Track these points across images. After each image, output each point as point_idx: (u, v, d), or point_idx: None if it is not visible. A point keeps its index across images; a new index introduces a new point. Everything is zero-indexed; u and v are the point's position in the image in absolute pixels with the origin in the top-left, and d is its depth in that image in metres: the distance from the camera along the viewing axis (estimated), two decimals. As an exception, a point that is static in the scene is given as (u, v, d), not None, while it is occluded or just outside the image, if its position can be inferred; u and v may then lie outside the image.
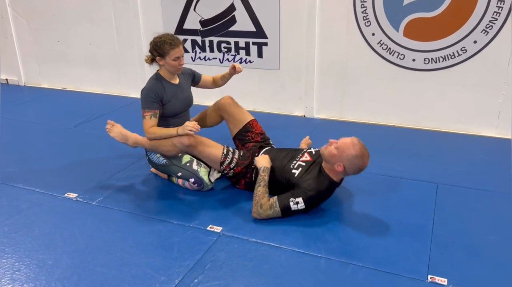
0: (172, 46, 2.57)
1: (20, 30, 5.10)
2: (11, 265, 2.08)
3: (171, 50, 2.57)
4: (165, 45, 2.55)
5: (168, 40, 2.56)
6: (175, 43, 2.58)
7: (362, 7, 3.56)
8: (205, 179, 2.64)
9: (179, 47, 2.60)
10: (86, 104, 4.58)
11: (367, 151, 2.39)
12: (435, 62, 3.51)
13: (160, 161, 2.74)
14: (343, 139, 2.40)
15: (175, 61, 2.62)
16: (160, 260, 2.10)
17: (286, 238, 2.25)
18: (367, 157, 2.38)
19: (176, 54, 2.59)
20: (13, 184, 2.88)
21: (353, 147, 2.34)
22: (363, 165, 2.38)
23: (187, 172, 2.66)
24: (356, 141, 2.38)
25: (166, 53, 2.58)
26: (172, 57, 2.59)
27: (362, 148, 2.36)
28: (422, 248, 2.16)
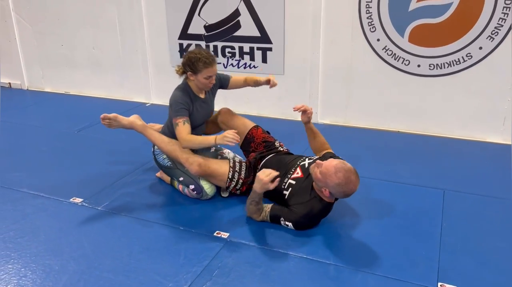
0: (206, 65, 2.49)
1: (24, 34, 5.11)
2: (17, 271, 2.07)
3: (204, 69, 2.50)
4: (199, 63, 2.48)
5: (203, 58, 2.48)
6: (209, 62, 2.49)
7: (367, 12, 3.57)
8: (205, 188, 2.61)
9: (213, 67, 2.52)
10: (90, 108, 4.57)
11: (354, 176, 2.22)
12: (440, 68, 3.51)
13: (165, 163, 2.72)
14: (328, 163, 2.25)
15: (206, 79, 2.54)
16: (167, 266, 2.09)
17: (294, 245, 2.24)
18: (353, 182, 2.22)
19: (209, 73, 2.52)
20: (18, 188, 2.86)
21: (335, 175, 2.20)
22: (349, 192, 2.24)
23: (189, 178, 2.64)
24: (340, 167, 2.21)
25: (198, 71, 2.51)
26: (204, 75, 2.52)
27: (346, 174, 2.20)
28: (431, 254, 2.14)
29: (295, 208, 2.32)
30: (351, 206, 2.60)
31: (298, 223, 2.30)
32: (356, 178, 2.24)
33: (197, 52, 2.51)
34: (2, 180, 2.97)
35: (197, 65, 2.48)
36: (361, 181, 2.84)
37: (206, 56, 2.49)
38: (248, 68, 4.14)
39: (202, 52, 2.51)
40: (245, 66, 4.15)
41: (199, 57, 2.48)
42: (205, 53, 2.51)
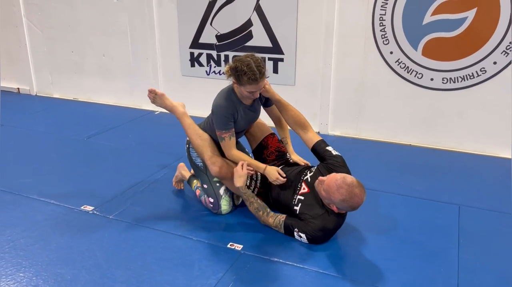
0: (251, 81, 2.26)
1: (34, 40, 5.12)
2: (29, 280, 2.03)
3: (247, 85, 2.29)
4: (244, 77, 2.26)
5: (249, 72, 2.24)
6: (255, 78, 2.25)
7: (380, 25, 3.56)
8: (222, 208, 2.56)
9: (258, 84, 2.29)
10: (98, 115, 4.56)
11: (357, 189, 2.16)
12: (453, 82, 3.49)
13: (197, 162, 2.65)
14: (330, 179, 2.21)
15: (249, 93, 2.36)
16: (182, 278, 2.05)
17: (309, 259, 2.20)
18: (357, 196, 2.16)
19: (252, 89, 2.32)
20: (28, 195, 2.84)
21: (338, 191, 2.16)
22: (355, 205, 2.19)
23: (212, 191, 2.59)
24: (341, 182, 2.17)
25: (242, 84, 2.31)
26: (247, 89, 2.33)
27: (349, 189, 2.15)
28: (450, 272, 2.10)
29: (311, 221, 2.28)
30: (365, 219, 2.57)
31: (314, 236, 2.27)
32: (360, 190, 2.18)
33: (246, 64, 2.25)
34: (12, 186, 2.94)
35: (242, 78, 2.27)
36: (374, 194, 2.85)
37: (254, 71, 2.24)
38: (259, 78, 4.12)
39: (251, 64, 2.25)
40: (256, 76, 4.13)
41: (245, 70, 2.24)
42: (254, 67, 2.25)
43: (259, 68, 2.27)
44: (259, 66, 2.28)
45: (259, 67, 2.27)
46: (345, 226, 2.47)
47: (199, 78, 4.39)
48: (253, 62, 2.27)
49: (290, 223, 2.33)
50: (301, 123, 2.56)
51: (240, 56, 2.33)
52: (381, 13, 3.53)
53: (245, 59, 2.28)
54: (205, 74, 4.34)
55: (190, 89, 4.48)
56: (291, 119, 2.58)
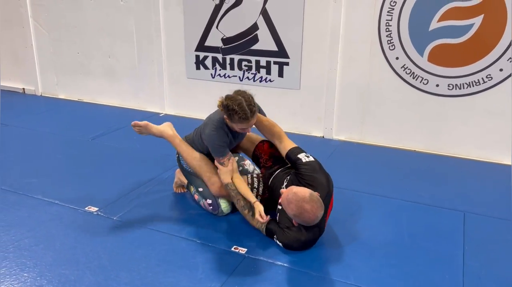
0: (242, 120, 2.30)
1: (41, 41, 5.14)
2: (33, 280, 2.03)
3: (239, 123, 2.33)
4: (235, 116, 2.28)
5: (240, 112, 2.26)
6: (246, 117, 2.28)
7: (387, 30, 3.57)
8: (222, 207, 2.58)
9: (249, 122, 2.33)
10: (103, 117, 4.57)
11: (309, 205, 2.11)
12: (459, 89, 3.48)
13: (188, 168, 2.68)
14: (285, 193, 2.20)
15: (240, 129, 2.40)
16: (185, 281, 2.05)
17: (313, 263, 2.19)
18: (308, 211, 2.11)
19: (244, 126, 2.36)
20: (33, 195, 2.84)
21: (289, 206, 2.16)
22: (307, 220, 2.15)
23: (208, 192, 2.60)
24: (291, 197, 2.14)
25: (233, 122, 2.34)
26: (239, 127, 2.37)
27: (298, 204, 2.12)
28: (455, 279, 2.09)
29: (286, 231, 2.27)
30: (369, 225, 2.56)
31: (288, 245, 2.27)
32: (312, 206, 2.11)
33: (237, 103, 2.26)
34: (17, 186, 2.95)
35: (233, 117, 2.30)
36: (379, 200, 2.85)
37: (244, 110, 2.26)
38: (264, 82, 4.13)
39: (243, 103, 2.27)
40: (260, 79, 4.14)
41: (236, 109, 2.26)
42: (245, 106, 2.27)
43: (250, 107, 2.29)
44: (250, 105, 2.29)
45: (250, 106, 2.29)
46: (349, 231, 2.48)
47: (204, 81, 4.40)
48: (244, 101, 2.29)
49: (271, 228, 2.34)
50: (276, 134, 2.58)
51: (232, 95, 2.35)
52: (387, 19, 3.54)
53: (236, 98, 2.30)
54: (210, 77, 4.35)
55: (195, 92, 4.49)
56: (266, 131, 2.60)
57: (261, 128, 2.61)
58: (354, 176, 3.21)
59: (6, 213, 2.62)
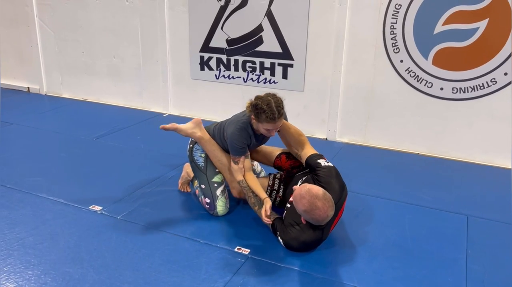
0: (269, 120, 2.32)
1: (46, 40, 5.16)
2: (37, 278, 2.04)
3: (265, 123, 2.35)
4: (262, 115, 2.32)
5: (268, 111, 2.30)
6: (273, 117, 2.31)
7: (391, 33, 3.57)
8: (218, 209, 2.60)
9: (276, 123, 2.35)
10: (107, 116, 4.58)
11: (321, 202, 2.11)
12: (463, 92, 3.49)
13: (199, 161, 2.69)
14: (297, 189, 2.21)
15: (266, 131, 2.42)
16: (189, 281, 2.05)
17: (316, 265, 2.20)
18: (319, 209, 2.11)
19: (270, 127, 2.37)
20: (37, 193, 2.85)
21: (300, 201, 2.15)
22: (317, 218, 2.14)
23: (209, 191, 2.62)
24: (304, 192, 2.15)
25: (260, 122, 2.37)
26: (264, 127, 2.39)
27: (311, 200, 2.12)
28: (458, 282, 2.09)
29: (289, 229, 2.29)
30: (372, 228, 2.56)
31: (288, 243, 2.28)
32: (323, 204, 2.12)
33: (266, 103, 2.31)
34: (21, 185, 2.96)
35: (260, 116, 2.33)
36: (382, 202, 2.85)
37: (273, 110, 2.30)
38: (268, 83, 4.14)
39: (272, 104, 2.31)
40: (265, 81, 4.15)
41: (265, 109, 2.30)
42: (273, 106, 2.31)
43: (279, 109, 2.33)
44: (278, 107, 2.34)
45: (279, 108, 2.34)
46: (352, 235, 2.48)
47: (208, 81, 4.41)
48: (274, 102, 2.33)
49: (276, 224, 2.36)
50: (301, 142, 2.61)
51: (262, 95, 2.40)
52: (392, 22, 3.54)
53: (266, 98, 2.35)
54: (215, 78, 4.36)
55: (199, 93, 4.50)
56: (292, 138, 2.62)
57: (287, 134, 2.61)
58: (358, 178, 3.21)
59: (11, 211, 2.64)
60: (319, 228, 2.25)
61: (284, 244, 2.30)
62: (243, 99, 4.24)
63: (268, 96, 2.37)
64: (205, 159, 2.69)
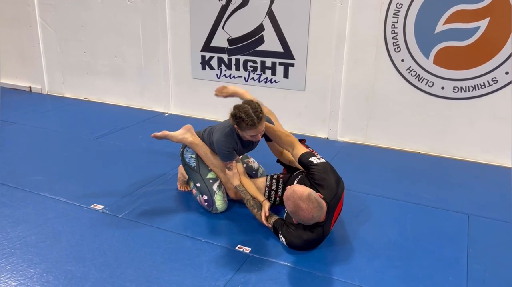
0: (249, 126, 2.37)
1: (48, 40, 5.18)
2: (39, 276, 2.05)
3: (247, 130, 2.40)
4: (242, 123, 2.37)
5: (247, 119, 2.34)
6: (253, 123, 2.35)
7: (392, 32, 3.57)
8: (217, 204, 2.62)
9: (257, 128, 2.39)
10: (109, 116, 4.60)
11: (305, 204, 2.11)
12: (464, 91, 3.49)
13: (190, 162, 2.73)
14: (286, 190, 2.23)
15: (251, 137, 2.46)
16: (190, 279, 2.06)
17: (317, 264, 2.20)
18: (303, 210, 2.12)
19: (253, 133, 2.42)
20: (39, 192, 2.87)
21: (286, 203, 2.19)
22: (302, 219, 2.16)
23: (205, 188, 2.64)
24: (289, 194, 2.16)
25: (242, 130, 2.42)
26: (248, 134, 2.44)
27: (295, 202, 2.13)
28: (459, 282, 2.09)
29: (291, 228, 2.31)
30: (373, 227, 2.57)
31: (291, 242, 2.29)
32: (307, 205, 2.12)
33: (244, 111, 2.35)
34: (24, 183, 2.97)
35: (241, 124, 2.39)
36: (383, 201, 2.86)
37: (251, 117, 2.34)
38: (269, 82, 4.14)
39: (249, 111, 2.35)
40: (266, 80, 4.16)
41: (243, 117, 2.35)
42: (251, 113, 2.34)
43: (257, 113, 2.36)
44: (256, 111, 2.36)
45: (257, 113, 2.36)
46: (353, 233, 2.48)
47: (209, 81, 4.42)
48: (251, 108, 2.37)
49: (277, 225, 2.37)
50: (289, 142, 2.60)
51: (239, 104, 2.43)
52: (393, 21, 3.54)
53: (242, 106, 2.39)
54: (216, 77, 4.37)
55: (200, 92, 4.51)
56: (279, 140, 2.63)
57: (275, 137, 2.62)
58: (358, 177, 3.21)
59: (13, 209, 2.65)
60: (318, 225, 2.26)
61: (287, 243, 2.30)
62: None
63: (245, 103, 2.42)
64: (196, 159, 2.73)
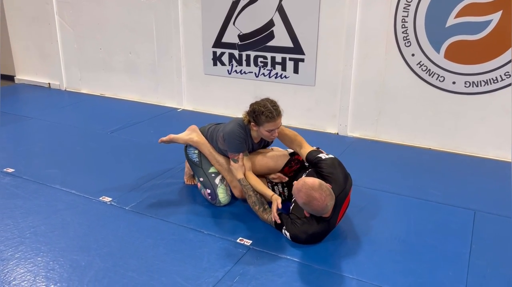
0: (269, 119, 2.41)
1: (65, 37, 5.31)
2: (46, 264, 2.13)
3: (266, 123, 2.43)
4: (262, 117, 2.41)
5: (266, 111, 2.39)
6: (272, 116, 2.40)
7: (402, 27, 3.54)
8: (220, 197, 2.65)
9: (276, 121, 2.43)
10: (123, 111, 4.69)
11: (317, 193, 2.12)
12: (476, 86, 3.43)
13: (193, 158, 2.79)
14: (296, 182, 2.23)
15: (268, 133, 2.49)
16: (190, 269, 2.11)
17: (317, 257, 2.22)
18: (317, 199, 2.12)
19: (271, 127, 2.45)
20: (52, 184, 2.96)
21: (298, 194, 2.18)
22: (317, 209, 2.16)
23: (208, 182, 2.69)
24: (301, 185, 2.17)
25: (261, 124, 2.45)
26: (266, 129, 2.46)
27: (307, 192, 2.13)
28: (459, 277, 2.08)
29: (296, 222, 2.32)
30: (377, 222, 2.57)
31: (295, 236, 2.30)
32: (320, 194, 2.12)
33: (262, 105, 2.42)
34: (38, 176, 3.08)
35: (260, 118, 2.42)
36: (389, 197, 2.85)
37: (270, 110, 2.40)
38: (279, 78, 4.16)
39: (268, 105, 2.42)
40: (276, 76, 4.17)
41: (262, 110, 2.40)
42: (270, 107, 2.42)
43: (275, 107, 2.45)
44: (274, 106, 2.45)
45: (275, 107, 2.45)
46: (356, 227, 2.49)
47: (221, 77, 4.46)
48: (269, 103, 2.45)
49: (282, 219, 2.38)
50: (297, 141, 2.64)
51: (256, 101, 2.50)
52: (403, 15, 3.51)
53: (261, 102, 2.47)
54: (227, 73, 4.41)
55: (212, 88, 4.56)
56: (287, 140, 2.67)
57: (284, 136, 2.66)
58: (366, 173, 3.20)
59: (25, 201, 2.75)
60: (324, 220, 2.27)
61: (291, 237, 2.32)
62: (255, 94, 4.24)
63: (262, 100, 2.49)
64: (199, 154, 2.77)
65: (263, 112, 2.40)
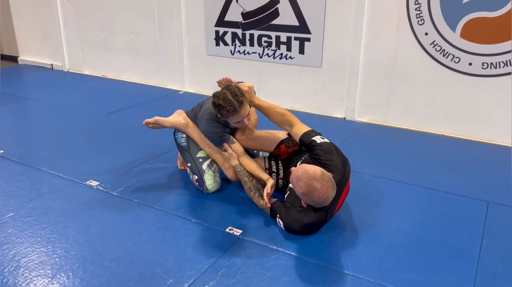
0: (231, 113, 2.24)
1: (67, 16, 5.17)
2: (17, 251, 2.00)
3: (230, 117, 2.28)
4: (223, 111, 2.24)
5: (227, 106, 2.21)
6: (234, 109, 2.22)
7: (416, 3, 3.28)
8: (207, 184, 2.49)
9: (240, 113, 2.26)
10: (124, 93, 4.55)
11: (319, 183, 1.95)
12: (494, 68, 3.17)
13: (181, 142, 2.64)
14: (294, 171, 2.04)
15: (237, 123, 2.35)
16: (172, 260, 1.96)
17: (310, 249, 2.05)
18: (318, 190, 1.95)
19: (236, 119, 2.30)
20: (39, 167, 2.84)
21: (297, 184, 2.00)
22: (317, 200, 1.98)
23: (195, 167, 2.53)
24: (301, 174, 1.99)
25: (226, 118, 2.31)
26: (232, 121, 2.33)
27: (308, 182, 1.96)
28: (467, 274, 1.88)
29: (290, 211, 2.15)
30: (383, 213, 2.37)
31: (288, 225, 2.14)
32: (322, 185, 1.95)
33: (222, 97, 2.22)
34: (26, 158, 2.96)
35: (222, 112, 2.26)
36: (397, 186, 2.65)
37: (231, 102, 2.21)
38: (284, 59, 3.94)
39: (227, 96, 2.22)
40: (281, 56, 3.96)
41: (222, 104, 2.22)
42: (230, 98, 2.22)
43: (236, 97, 2.23)
44: (235, 95, 2.23)
45: (236, 97, 2.23)
46: (355, 219, 2.31)
47: (224, 57, 4.27)
48: (229, 93, 2.24)
49: (275, 207, 2.22)
50: (286, 121, 2.42)
51: (217, 91, 2.30)
52: (416, -10, 3.25)
53: (220, 92, 2.26)
54: (230, 53, 4.21)
55: (215, 69, 4.37)
56: (276, 120, 2.45)
57: (270, 117, 2.46)
58: (372, 160, 3.00)
59: (9, 183, 2.64)
60: (322, 209, 2.09)
61: (285, 227, 2.15)
62: (259, 75, 4.07)
63: (223, 89, 2.28)
64: (187, 139, 2.61)
65: (223, 106, 2.22)
